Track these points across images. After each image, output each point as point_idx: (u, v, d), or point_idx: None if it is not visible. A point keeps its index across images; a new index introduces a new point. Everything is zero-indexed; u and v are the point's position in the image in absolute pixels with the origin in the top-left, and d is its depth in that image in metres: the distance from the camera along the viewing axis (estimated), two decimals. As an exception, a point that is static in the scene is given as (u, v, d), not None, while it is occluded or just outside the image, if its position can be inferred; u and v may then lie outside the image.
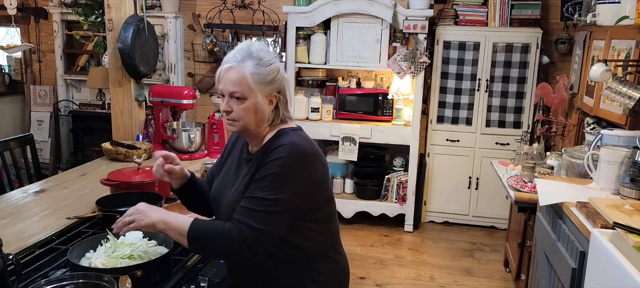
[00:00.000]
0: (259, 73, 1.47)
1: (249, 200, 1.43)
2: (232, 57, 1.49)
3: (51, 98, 5.57)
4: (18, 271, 1.39)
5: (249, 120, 1.49)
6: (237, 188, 1.53)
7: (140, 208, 1.46)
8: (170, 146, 3.03)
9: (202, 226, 1.45)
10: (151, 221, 1.43)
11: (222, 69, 1.49)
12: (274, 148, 1.46)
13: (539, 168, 2.83)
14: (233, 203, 1.49)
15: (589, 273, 1.86)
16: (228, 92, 1.48)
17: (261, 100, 1.48)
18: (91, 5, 4.59)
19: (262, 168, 1.45)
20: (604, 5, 3.17)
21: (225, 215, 1.51)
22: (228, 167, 1.65)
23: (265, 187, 1.42)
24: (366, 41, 4.23)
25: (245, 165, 1.56)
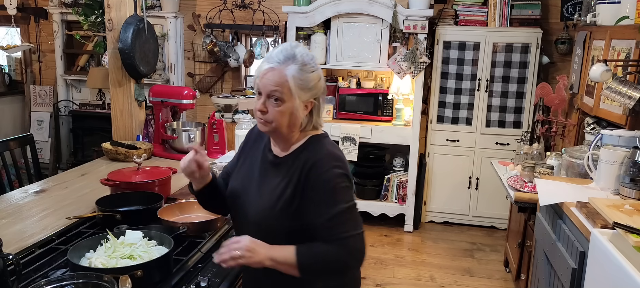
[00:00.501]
0: (302, 78, 1.45)
1: (333, 218, 1.44)
2: (275, 57, 1.46)
3: (51, 98, 5.57)
4: (18, 271, 1.39)
5: (283, 123, 1.47)
6: (270, 192, 1.51)
7: (249, 245, 1.40)
8: (170, 146, 3.03)
9: (309, 253, 1.44)
10: (259, 259, 1.40)
11: (263, 68, 1.46)
12: (318, 160, 1.47)
13: (539, 168, 2.83)
14: (266, 208, 1.49)
15: (589, 273, 1.86)
16: (267, 92, 1.45)
17: (298, 105, 1.46)
18: (91, 5, 4.59)
19: (319, 185, 1.45)
20: (604, 5, 3.17)
21: (253, 216, 1.51)
22: (249, 167, 1.63)
23: (333, 201, 1.45)
24: (366, 41, 4.23)
25: (274, 168, 1.55)
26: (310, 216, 1.46)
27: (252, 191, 1.56)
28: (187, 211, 1.95)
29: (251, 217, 1.52)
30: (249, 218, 1.53)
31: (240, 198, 1.58)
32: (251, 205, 1.53)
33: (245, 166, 1.64)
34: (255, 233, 1.47)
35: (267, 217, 1.49)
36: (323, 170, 1.46)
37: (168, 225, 1.77)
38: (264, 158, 1.59)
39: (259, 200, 1.52)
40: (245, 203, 1.56)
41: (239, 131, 2.92)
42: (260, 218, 1.50)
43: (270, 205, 1.49)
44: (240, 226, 1.59)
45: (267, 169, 1.57)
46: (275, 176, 1.53)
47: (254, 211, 1.52)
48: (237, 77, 5.17)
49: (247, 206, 1.54)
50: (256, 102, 1.49)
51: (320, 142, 1.54)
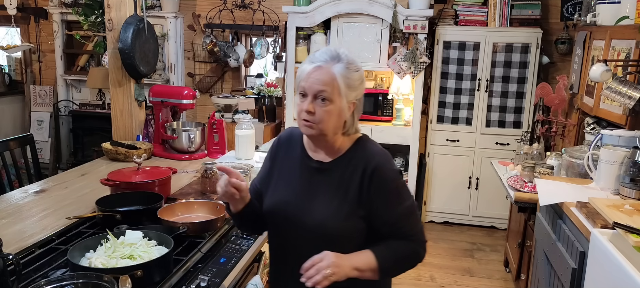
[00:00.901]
0: (349, 77, 1.43)
1: (403, 216, 1.49)
2: (320, 57, 1.43)
3: (51, 98, 5.57)
4: (18, 271, 1.39)
5: (330, 124, 1.44)
6: (329, 200, 1.48)
7: (335, 260, 1.37)
8: (170, 146, 3.03)
9: (388, 254, 1.47)
10: (345, 272, 1.39)
11: (309, 68, 1.43)
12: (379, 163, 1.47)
13: (539, 168, 2.83)
14: (329, 216, 1.46)
15: (589, 273, 1.86)
16: (314, 91, 1.41)
17: (345, 105, 1.44)
18: (91, 5, 4.59)
19: (385, 187, 1.46)
20: (604, 5, 3.17)
21: (313, 226, 1.47)
22: (288, 177, 1.57)
23: (400, 199, 1.49)
24: (366, 41, 4.23)
25: (321, 175, 1.51)
26: (380, 218, 1.47)
27: (304, 202, 1.50)
28: (187, 211, 1.95)
29: (310, 227, 1.47)
30: (306, 229, 1.48)
31: (289, 211, 1.52)
32: (308, 215, 1.48)
33: (282, 178, 1.58)
34: (315, 243, 1.44)
35: (332, 224, 1.46)
36: (386, 172, 1.47)
37: (168, 225, 1.77)
38: (305, 166, 1.54)
39: (317, 209, 1.48)
40: (297, 213, 1.50)
41: (239, 131, 2.92)
42: (323, 226, 1.46)
43: (332, 212, 1.46)
44: (292, 239, 1.53)
45: (313, 176, 1.52)
46: (328, 183, 1.49)
47: (314, 220, 1.47)
48: (237, 78, 5.17)
49: (302, 217, 1.49)
50: (300, 105, 1.44)
51: (369, 143, 1.54)
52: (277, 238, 1.60)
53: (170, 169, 2.26)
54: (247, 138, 2.90)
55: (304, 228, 1.49)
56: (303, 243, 1.48)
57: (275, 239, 1.61)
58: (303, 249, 1.47)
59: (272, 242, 1.63)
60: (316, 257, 1.37)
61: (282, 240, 1.57)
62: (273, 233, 1.61)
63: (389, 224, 1.48)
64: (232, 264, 1.72)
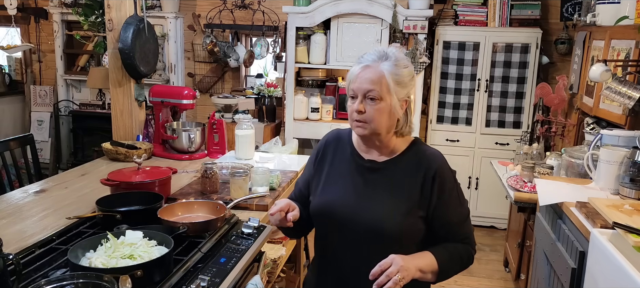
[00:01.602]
0: (397, 74, 1.43)
1: (463, 219, 1.53)
2: (368, 57, 1.45)
3: (51, 98, 5.57)
4: (18, 271, 1.39)
5: (382, 123, 1.44)
6: (387, 199, 1.47)
7: (402, 264, 1.36)
8: (171, 146, 3.03)
9: (447, 256, 1.48)
10: (412, 274, 1.39)
11: (357, 69, 1.45)
12: (439, 166, 1.48)
13: (539, 168, 2.83)
14: (387, 215, 1.46)
15: (589, 273, 1.86)
16: (363, 91, 1.42)
17: (396, 103, 1.44)
18: (91, 5, 4.59)
19: (447, 190, 1.48)
20: (604, 5, 3.17)
21: (370, 225, 1.46)
22: (338, 177, 1.56)
23: (459, 202, 1.52)
24: (366, 41, 4.23)
25: (375, 174, 1.51)
26: (441, 219, 1.48)
27: (356, 200, 1.50)
28: (187, 211, 1.95)
29: (366, 226, 1.46)
30: (361, 228, 1.47)
31: (340, 210, 1.51)
32: (362, 214, 1.47)
33: (333, 177, 1.57)
34: (370, 242, 1.45)
35: (389, 223, 1.45)
36: (448, 174, 1.49)
37: (168, 225, 1.77)
38: (357, 165, 1.54)
39: (372, 207, 1.47)
40: (351, 213, 1.49)
41: (239, 131, 2.92)
42: (380, 224, 1.45)
43: (391, 210, 1.46)
44: (344, 238, 1.51)
45: (367, 176, 1.52)
46: (384, 182, 1.49)
47: (369, 219, 1.46)
48: (237, 78, 5.17)
49: (356, 216, 1.48)
50: (351, 106, 1.45)
51: (425, 145, 1.56)
52: (326, 238, 1.58)
53: (170, 169, 2.26)
54: (247, 138, 2.91)
55: (358, 227, 1.48)
56: (356, 243, 1.47)
57: (323, 239, 1.60)
58: (355, 248, 1.47)
59: (319, 242, 1.62)
60: (384, 262, 1.36)
61: (331, 239, 1.56)
62: (321, 233, 1.59)
63: (449, 225, 1.49)
64: (232, 264, 1.71)
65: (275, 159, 2.98)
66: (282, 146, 3.26)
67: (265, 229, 1.96)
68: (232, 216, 2.02)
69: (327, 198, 1.54)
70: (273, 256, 2.50)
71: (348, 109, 1.48)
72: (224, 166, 2.54)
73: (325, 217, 1.54)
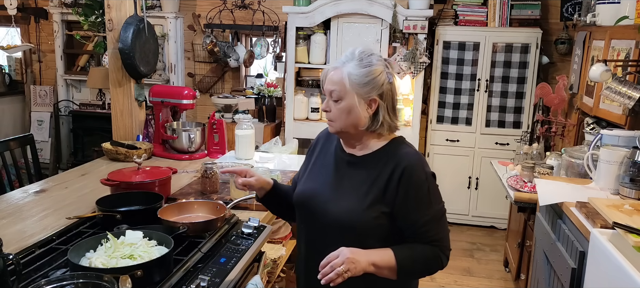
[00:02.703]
0: (356, 74, 1.48)
1: (431, 220, 1.49)
2: (339, 60, 1.54)
3: (51, 98, 5.57)
4: (18, 271, 1.39)
5: (345, 122, 1.51)
6: (353, 190, 1.52)
7: (350, 256, 1.38)
8: (171, 146, 3.03)
9: (409, 255, 1.48)
10: (362, 267, 1.40)
11: (327, 71, 1.54)
12: (410, 164, 1.49)
13: (539, 168, 2.83)
14: (351, 206, 1.50)
15: (589, 273, 1.86)
16: (328, 91, 1.53)
17: (357, 102, 1.49)
18: (91, 5, 4.59)
19: (416, 188, 1.48)
20: (604, 5, 3.17)
21: (335, 215, 1.51)
22: (320, 168, 1.64)
23: (428, 203, 1.50)
24: (366, 41, 4.22)
25: (351, 168, 1.57)
26: (406, 218, 1.49)
27: (330, 191, 1.56)
28: (187, 211, 1.95)
29: (332, 216, 1.52)
30: (328, 218, 1.53)
31: (316, 199, 1.58)
32: (331, 204, 1.54)
33: (316, 168, 1.66)
34: (336, 232, 1.49)
35: (352, 215, 1.49)
36: (417, 173, 1.49)
37: (168, 225, 1.77)
38: (338, 158, 1.61)
39: (340, 198, 1.53)
40: (323, 202, 1.56)
41: (239, 131, 2.92)
42: (345, 216, 1.50)
43: (355, 202, 1.50)
44: (315, 227, 1.58)
45: (344, 169, 1.58)
46: (356, 175, 1.54)
47: (337, 209, 1.52)
48: (237, 78, 5.17)
49: (326, 205, 1.54)
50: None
51: (404, 144, 1.58)
52: (301, 224, 1.67)
53: (170, 169, 2.27)
54: (247, 138, 2.91)
55: (327, 217, 1.54)
56: (325, 233, 1.53)
57: (300, 226, 1.68)
58: (325, 238, 1.52)
59: (298, 229, 1.70)
60: (332, 254, 1.40)
61: (307, 227, 1.63)
62: (299, 220, 1.68)
63: (414, 226, 1.49)
64: (232, 264, 1.72)
65: (275, 159, 2.98)
66: (282, 146, 3.26)
67: (265, 229, 1.96)
68: (232, 216, 2.02)
69: (304, 186, 1.64)
70: (273, 256, 2.50)
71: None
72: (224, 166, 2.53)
73: (302, 205, 1.63)
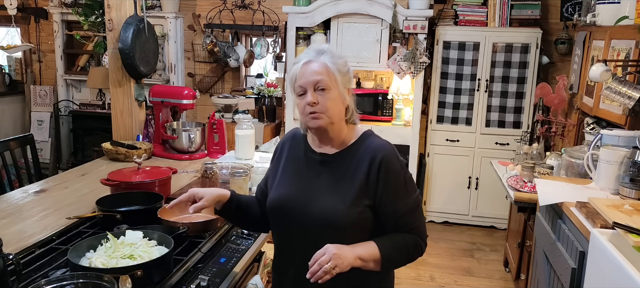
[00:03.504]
0: (337, 63, 1.49)
1: (409, 209, 1.52)
2: (305, 55, 1.50)
3: (51, 98, 5.57)
4: (18, 271, 1.39)
5: (336, 111, 1.49)
6: (333, 190, 1.50)
7: (336, 252, 1.38)
8: (171, 146, 3.03)
9: (391, 245, 1.49)
10: (348, 262, 1.40)
11: (299, 66, 1.49)
12: (386, 155, 1.51)
13: (539, 168, 2.83)
14: (334, 206, 1.48)
15: (589, 273, 1.86)
16: (312, 83, 1.46)
17: (343, 91, 1.49)
18: (91, 5, 4.59)
19: (393, 179, 1.49)
20: (604, 6, 3.17)
21: (318, 216, 1.48)
22: (292, 172, 1.60)
23: (407, 192, 1.52)
24: (366, 41, 4.23)
25: (325, 167, 1.54)
26: (387, 208, 1.49)
27: (308, 193, 1.53)
28: (187, 211, 1.94)
29: (315, 217, 1.49)
30: (311, 219, 1.50)
31: (292, 203, 1.54)
32: (313, 206, 1.50)
33: (287, 172, 1.61)
34: (321, 232, 1.47)
35: (337, 211, 1.47)
36: (393, 163, 1.51)
37: (168, 225, 1.77)
38: (309, 159, 1.58)
39: (321, 199, 1.50)
40: (302, 205, 1.52)
41: (239, 131, 2.92)
42: (329, 214, 1.47)
43: (337, 200, 1.48)
44: (296, 231, 1.54)
45: (318, 169, 1.55)
46: (333, 174, 1.53)
47: (320, 210, 1.49)
48: (237, 78, 5.17)
49: (307, 207, 1.51)
50: (301, 102, 1.48)
51: (374, 136, 1.59)
52: (280, 231, 1.62)
53: (170, 169, 2.27)
54: (247, 138, 2.91)
55: (309, 219, 1.50)
56: (308, 235, 1.50)
57: (277, 233, 1.63)
58: (308, 240, 1.49)
59: (275, 237, 1.65)
60: (318, 252, 1.39)
61: (285, 233, 1.59)
62: (275, 228, 1.63)
63: (395, 215, 1.50)
64: (232, 264, 1.72)
65: (275, 159, 2.97)
66: (282, 146, 3.26)
67: (265, 229, 1.96)
68: (232, 216, 2.02)
69: (278, 192, 1.59)
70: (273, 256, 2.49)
71: (299, 108, 1.51)
72: (224, 166, 2.54)
73: (278, 212, 1.58)
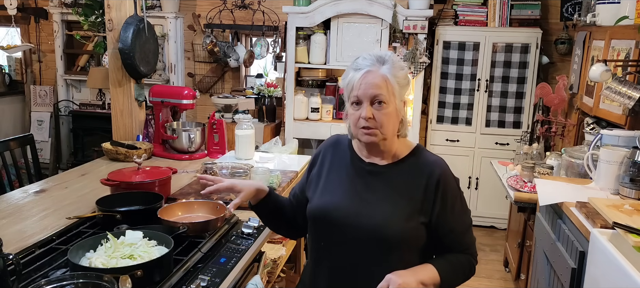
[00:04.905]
0: (398, 76, 1.41)
1: (466, 229, 1.51)
2: (365, 62, 1.41)
3: (51, 98, 5.57)
4: (18, 271, 1.39)
5: (390, 127, 1.42)
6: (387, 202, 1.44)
7: (401, 282, 1.32)
8: (171, 146, 3.03)
9: (449, 269, 1.45)
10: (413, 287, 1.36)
11: (358, 75, 1.40)
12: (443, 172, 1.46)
13: (539, 168, 2.83)
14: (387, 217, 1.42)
15: (589, 273, 1.86)
16: (370, 96, 1.38)
17: (400, 105, 1.43)
18: (91, 5, 4.59)
19: (452, 197, 1.46)
20: (604, 5, 3.17)
21: (369, 227, 1.42)
22: (337, 180, 1.53)
23: (463, 210, 1.50)
24: (366, 41, 4.23)
25: (375, 178, 1.48)
26: (445, 226, 1.46)
27: (358, 204, 1.46)
28: (187, 211, 1.95)
29: (366, 229, 1.42)
30: (358, 232, 1.43)
31: (339, 213, 1.46)
32: (364, 217, 1.43)
33: (331, 180, 1.53)
34: (372, 245, 1.41)
35: (392, 225, 1.41)
36: (452, 181, 1.47)
37: (168, 225, 1.77)
38: (357, 169, 1.51)
39: (373, 211, 1.44)
40: (351, 215, 1.45)
41: (239, 131, 2.92)
42: (383, 227, 1.41)
43: (391, 214, 1.42)
44: (340, 242, 1.47)
45: (367, 180, 1.49)
46: (385, 186, 1.46)
47: (371, 221, 1.42)
48: (237, 78, 5.17)
49: (356, 219, 1.44)
50: (354, 113, 1.41)
51: (427, 152, 1.53)
52: (323, 241, 1.53)
53: (170, 169, 2.27)
54: (247, 138, 2.91)
55: (357, 230, 1.44)
56: (354, 246, 1.44)
57: (319, 242, 1.54)
58: (353, 252, 1.43)
59: (315, 245, 1.57)
60: (380, 285, 1.33)
61: (328, 243, 1.51)
62: (317, 236, 1.55)
63: (452, 233, 1.47)
64: (232, 264, 1.72)
65: (275, 159, 2.98)
66: (282, 146, 3.27)
67: (265, 229, 1.96)
68: (232, 216, 2.03)
69: (325, 200, 1.51)
70: (273, 256, 2.50)
71: (350, 117, 1.44)
72: (224, 166, 2.54)
73: (323, 220, 1.50)
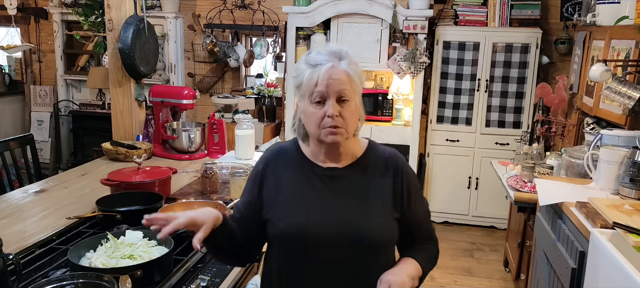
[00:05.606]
0: (357, 71, 1.33)
1: (428, 215, 1.54)
2: (321, 58, 1.31)
3: (51, 98, 5.57)
4: (18, 271, 1.39)
5: (353, 125, 1.34)
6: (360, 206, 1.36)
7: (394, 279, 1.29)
8: (171, 146, 3.03)
9: (427, 259, 1.47)
10: (408, 286, 1.33)
11: (320, 70, 1.28)
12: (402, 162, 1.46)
13: (539, 168, 2.83)
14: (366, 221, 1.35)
15: (589, 273, 1.86)
16: (336, 93, 1.28)
17: (359, 102, 1.35)
18: (91, 5, 4.59)
19: (413, 187, 1.45)
20: (604, 5, 3.17)
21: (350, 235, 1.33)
22: (294, 193, 1.39)
23: (422, 199, 1.50)
24: (366, 41, 4.23)
25: (339, 182, 1.38)
26: (414, 218, 1.45)
27: (330, 214, 1.35)
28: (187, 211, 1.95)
29: (345, 238, 1.33)
30: (340, 240, 1.33)
31: (319, 228, 1.35)
32: (339, 226, 1.34)
33: (290, 196, 1.39)
34: (352, 252, 1.34)
35: (370, 229, 1.34)
36: (411, 173, 1.46)
37: (168, 225, 1.77)
38: (319, 176, 1.39)
39: (348, 218, 1.35)
40: (327, 227, 1.34)
41: (239, 131, 2.92)
42: (362, 232, 1.34)
43: (368, 216, 1.35)
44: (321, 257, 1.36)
45: (329, 186, 1.38)
46: (351, 189, 1.38)
47: (348, 230, 1.34)
48: (237, 78, 5.17)
49: (333, 229, 1.34)
50: (317, 111, 1.30)
51: (380, 145, 1.50)
52: (295, 260, 1.39)
53: (170, 169, 2.27)
54: (247, 138, 2.91)
55: (336, 240, 1.34)
56: (335, 256, 1.35)
57: (288, 263, 1.40)
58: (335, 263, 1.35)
59: (281, 267, 1.42)
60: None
61: (300, 262, 1.38)
62: (288, 258, 1.40)
63: (421, 224, 1.48)
64: (232, 264, 1.71)
65: (275, 159, 2.97)
66: (282, 146, 3.26)
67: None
68: (232, 216, 2.02)
69: (295, 220, 1.36)
70: None
71: (310, 116, 1.32)
72: (224, 166, 2.54)
73: (298, 239, 1.36)
